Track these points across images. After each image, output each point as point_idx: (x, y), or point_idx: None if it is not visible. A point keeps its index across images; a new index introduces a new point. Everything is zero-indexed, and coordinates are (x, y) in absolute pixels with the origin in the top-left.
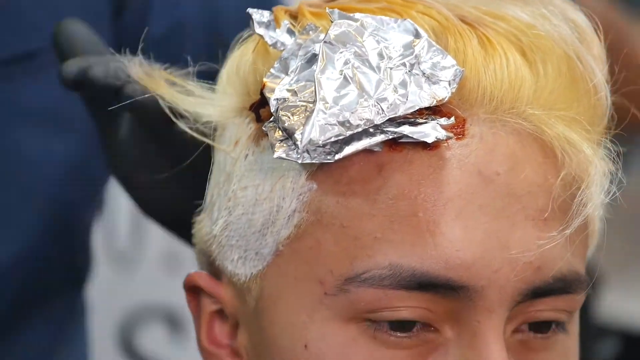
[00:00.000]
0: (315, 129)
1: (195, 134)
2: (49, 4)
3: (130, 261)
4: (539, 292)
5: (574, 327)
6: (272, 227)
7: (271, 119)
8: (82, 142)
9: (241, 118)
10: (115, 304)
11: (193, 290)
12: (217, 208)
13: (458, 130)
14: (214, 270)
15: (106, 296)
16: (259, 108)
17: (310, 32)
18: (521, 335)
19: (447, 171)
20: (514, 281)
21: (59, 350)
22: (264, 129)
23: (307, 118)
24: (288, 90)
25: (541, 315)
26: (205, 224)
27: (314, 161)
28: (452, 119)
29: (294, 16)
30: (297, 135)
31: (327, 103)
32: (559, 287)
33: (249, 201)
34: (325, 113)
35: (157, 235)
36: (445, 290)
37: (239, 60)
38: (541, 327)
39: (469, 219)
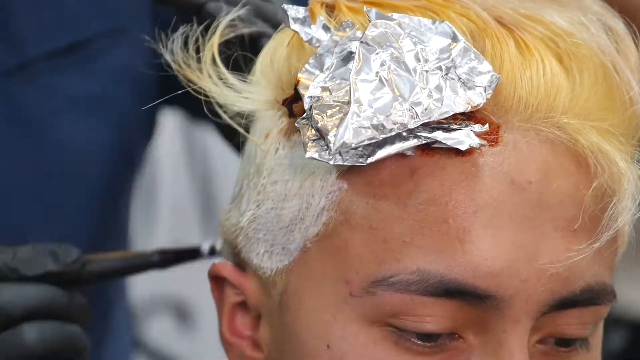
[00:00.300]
0: (349, 132)
1: (230, 121)
2: None
3: None
4: (565, 303)
5: (597, 338)
6: (301, 224)
7: (304, 116)
8: (126, 129)
9: (273, 111)
10: None
11: (217, 279)
12: (246, 200)
13: (491, 137)
14: (239, 262)
15: None
16: (292, 103)
17: (347, 29)
18: (544, 346)
19: (479, 178)
20: (541, 291)
21: (104, 344)
22: (296, 124)
23: (341, 120)
24: (322, 88)
25: (568, 331)
26: (233, 215)
27: (346, 163)
28: (486, 125)
29: (330, 8)
30: (330, 137)
31: (362, 105)
32: (586, 298)
33: (278, 196)
34: (359, 116)
35: (166, 227)
36: (472, 298)
37: (273, 53)
38: (566, 340)
39: (499, 227)
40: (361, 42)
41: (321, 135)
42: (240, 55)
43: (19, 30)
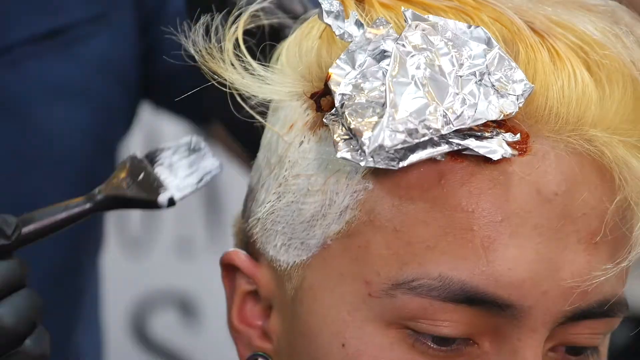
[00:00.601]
0: (385, 135)
1: (252, 112)
2: None
3: (142, 247)
4: (581, 315)
5: (606, 346)
6: (323, 220)
7: (333, 112)
8: (106, 118)
9: (298, 102)
10: (128, 290)
11: (229, 267)
12: (265, 190)
13: (521, 146)
14: (252, 251)
15: (118, 282)
16: (320, 97)
17: (381, 27)
18: (555, 354)
19: (507, 188)
20: (559, 303)
21: (75, 330)
22: (324, 120)
23: (376, 123)
24: (354, 86)
25: (579, 340)
26: (250, 204)
27: (377, 166)
28: (518, 135)
29: (359, 1)
30: (365, 140)
31: (397, 110)
32: (601, 310)
33: (300, 190)
34: (394, 119)
35: (169, 221)
36: (492, 306)
37: (301, 43)
38: (576, 349)
39: (523, 238)
40: (397, 43)
41: (353, 135)
42: (255, 45)
43: (1, 15)
